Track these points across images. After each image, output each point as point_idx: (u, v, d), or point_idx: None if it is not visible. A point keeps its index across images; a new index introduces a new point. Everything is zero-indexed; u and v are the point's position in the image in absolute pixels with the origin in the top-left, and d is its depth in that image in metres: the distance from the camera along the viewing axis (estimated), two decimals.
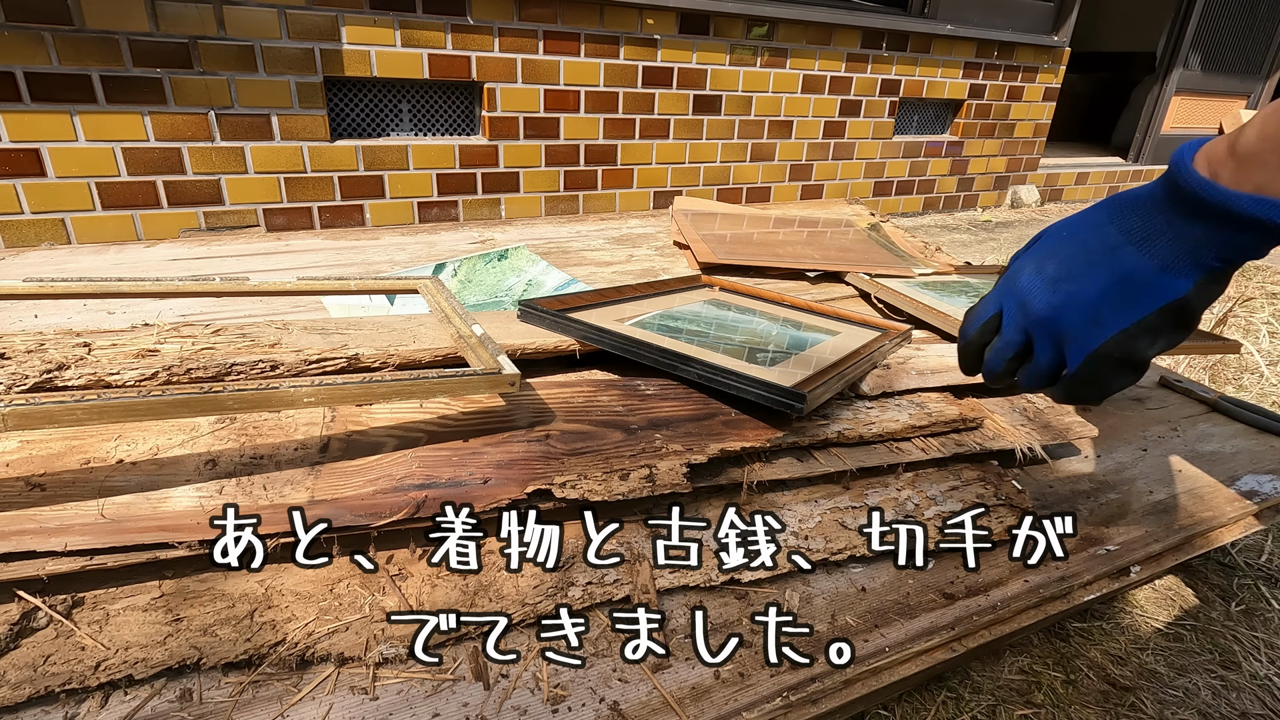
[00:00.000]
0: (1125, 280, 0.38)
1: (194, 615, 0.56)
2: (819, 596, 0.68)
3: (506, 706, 0.54)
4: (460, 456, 0.69)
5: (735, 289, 1.29)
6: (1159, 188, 0.39)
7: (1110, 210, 0.40)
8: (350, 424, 0.74)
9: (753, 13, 2.15)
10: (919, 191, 2.86)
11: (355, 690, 0.54)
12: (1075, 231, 0.41)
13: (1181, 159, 0.37)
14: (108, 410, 0.54)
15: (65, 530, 0.55)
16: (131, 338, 0.79)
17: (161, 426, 0.69)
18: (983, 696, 0.75)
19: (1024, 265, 0.44)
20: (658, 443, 0.73)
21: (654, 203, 2.28)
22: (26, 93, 1.42)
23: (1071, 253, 0.41)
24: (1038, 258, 0.43)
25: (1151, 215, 0.38)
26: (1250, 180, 0.34)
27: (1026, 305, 0.42)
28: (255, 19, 1.56)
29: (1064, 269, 0.41)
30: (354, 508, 0.61)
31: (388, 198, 1.87)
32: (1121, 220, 0.39)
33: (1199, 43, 3.57)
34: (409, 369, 0.80)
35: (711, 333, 0.99)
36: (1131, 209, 0.39)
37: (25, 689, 0.50)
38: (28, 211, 1.51)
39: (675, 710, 0.55)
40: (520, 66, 1.89)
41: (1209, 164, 0.36)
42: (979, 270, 1.67)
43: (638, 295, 1.10)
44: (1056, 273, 0.41)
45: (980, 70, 2.74)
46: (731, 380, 0.76)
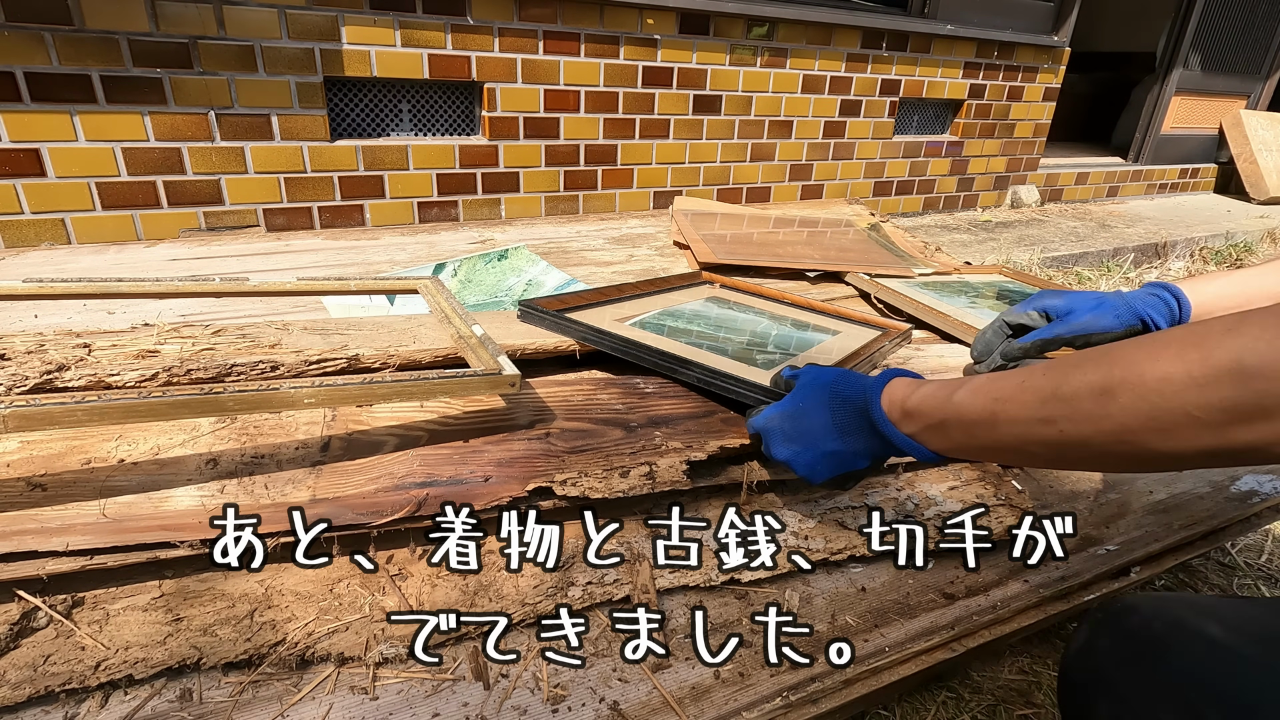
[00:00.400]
0: (832, 455, 0.60)
1: (194, 615, 0.56)
2: (819, 596, 0.69)
3: (506, 706, 0.54)
4: (461, 455, 0.69)
5: (735, 286, 1.29)
6: (861, 402, 0.58)
7: (831, 405, 0.60)
8: (351, 423, 0.74)
9: (753, 13, 2.15)
10: (919, 191, 2.86)
11: (355, 690, 0.54)
12: (809, 409, 0.62)
13: (875, 395, 0.57)
14: (109, 411, 0.54)
15: (66, 530, 0.55)
16: (132, 338, 0.79)
17: (163, 426, 0.69)
18: (983, 696, 0.75)
19: (775, 419, 0.65)
20: (657, 440, 0.73)
21: (654, 203, 2.28)
22: (26, 93, 1.42)
23: (804, 428, 0.61)
24: (784, 417, 0.64)
25: (853, 419, 0.59)
26: (908, 427, 0.54)
27: (770, 448, 0.65)
28: (255, 19, 1.56)
29: (797, 436, 0.62)
30: (355, 506, 0.61)
31: (388, 198, 1.87)
32: (838, 416, 0.59)
33: (1199, 43, 3.57)
34: (409, 369, 0.80)
35: (711, 332, 0.99)
36: (844, 408, 0.59)
37: (25, 689, 0.50)
38: (28, 211, 1.51)
39: (675, 710, 0.55)
40: (520, 66, 1.89)
41: (888, 405, 0.56)
42: (979, 270, 1.67)
43: (639, 293, 1.10)
44: (792, 434, 0.62)
45: (980, 70, 2.74)
46: (730, 384, 0.76)
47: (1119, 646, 0.43)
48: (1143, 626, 0.43)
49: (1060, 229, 2.86)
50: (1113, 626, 0.45)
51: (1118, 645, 0.43)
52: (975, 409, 0.48)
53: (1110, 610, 0.47)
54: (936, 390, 0.53)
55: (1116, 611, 0.46)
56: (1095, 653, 0.45)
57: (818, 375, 0.64)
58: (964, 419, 0.49)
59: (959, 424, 0.50)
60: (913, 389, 0.55)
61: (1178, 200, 3.76)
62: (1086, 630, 0.47)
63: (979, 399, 0.48)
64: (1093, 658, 0.45)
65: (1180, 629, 0.41)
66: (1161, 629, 0.42)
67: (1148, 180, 3.72)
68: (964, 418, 0.49)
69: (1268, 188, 3.69)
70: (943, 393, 0.52)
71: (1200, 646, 0.39)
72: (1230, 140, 3.86)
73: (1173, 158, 3.81)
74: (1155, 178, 3.75)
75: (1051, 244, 2.60)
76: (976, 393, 0.48)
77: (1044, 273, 2.37)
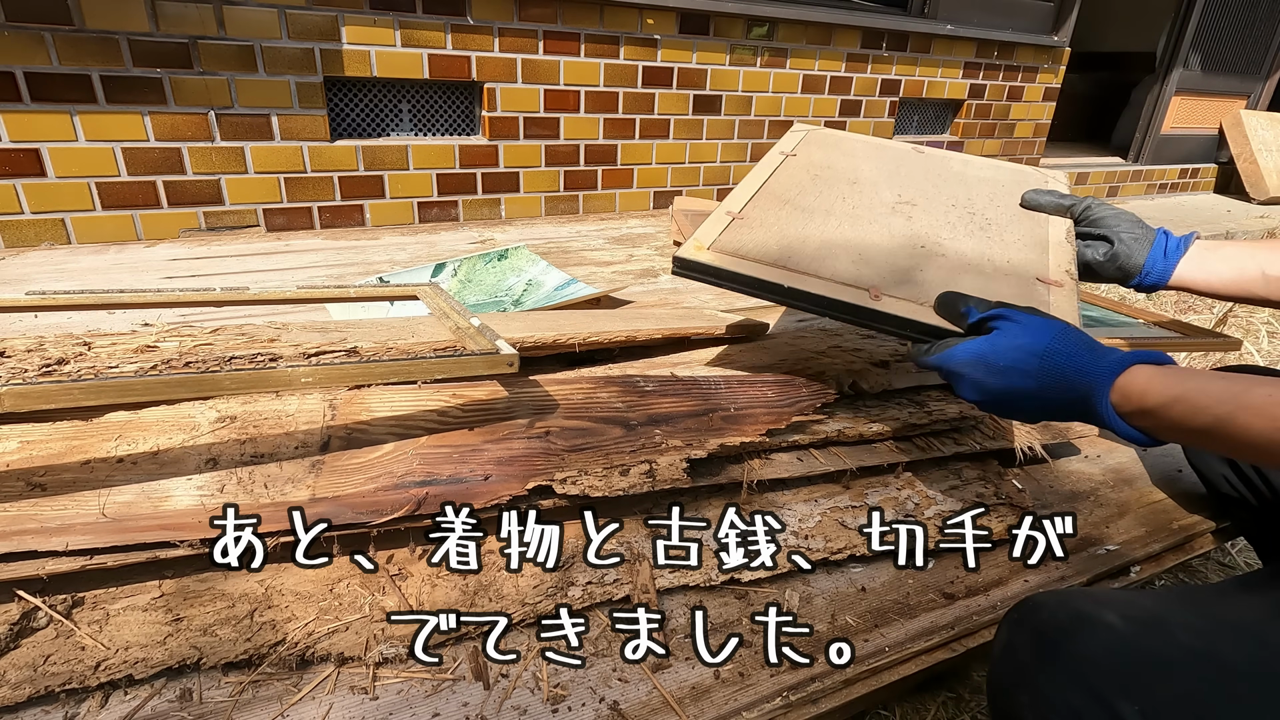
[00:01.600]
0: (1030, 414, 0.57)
1: (194, 615, 0.56)
2: (819, 596, 0.68)
3: (506, 706, 0.54)
4: (461, 453, 0.69)
5: None
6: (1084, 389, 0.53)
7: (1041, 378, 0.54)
8: (351, 421, 0.74)
9: (753, 13, 2.15)
10: None
11: (355, 690, 0.54)
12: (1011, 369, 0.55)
13: (1104, 387, 0.51)
14: (104, 389, 0.53)
15: (66, 530, 0.55)
16: (130, 337, 0.79)
17: (162, 426, 0.69)
18: (982, 696, 0.75)
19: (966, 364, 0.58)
20: (657, 438, 0.73)
21: (654, 203, 2.28)
22: (26, 93, 1.42)
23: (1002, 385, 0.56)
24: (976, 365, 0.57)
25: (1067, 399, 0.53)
26: (1142, 421, 0.50)
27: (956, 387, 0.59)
28: (255, 19, 1.56)
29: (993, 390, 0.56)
30: (355, 505, 0.61)
31: (388, 198, 1.87)
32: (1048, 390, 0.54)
33: (1199, 43, 3.57)
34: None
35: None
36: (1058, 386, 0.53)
37: (25, 689, 0.50)
38: (28, 211, 1.51)
39: (675, 710, 0.55)
40: (520, 66, 1.89)
41: (1121, 398, 0.50)
42: None
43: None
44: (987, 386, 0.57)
45: (980, 70, 2.74)
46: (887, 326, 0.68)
47: (1031, 641, 0.46)
48: (1050, 620, 0.46)
49: None
50: (1024, 624, 0.48)
51: (1030, 640, 0.46)
52: (1257, 430, 0.43)
53: (1022, 610, 0.49)
54: (1199, 396, 0.46)
55: (1027, 610, 0.49)
56: (1014, 650, 0.48)
57: (1026, 336, 0.55)
58: (1234, 435, 0.45)
59: (1220, 437, 0.45)
60: (1165, 385, 0.48)
61: (1178, 200, 3.76)
62: (1004, 631, 0.50)
63: (1262, 421, 0.43)
64: (1012, 655, 0.48)
65: (1081, 619, 0.45)
66: (1066, 620, 0.45)
67: (1148, 180, 3.72)
68: (1235, 435, 0.45)
69: (1268, 188, 3.69)
70: (1208, 400, 0.46)
71: (1100, 633, 0.43)
72: (1230, 140, 3.86)
73: (1173, 158, 3.81)
74: (1155, 178, 3.75)
75: None
76: (1259, 415, 0.43)
77: None
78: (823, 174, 0.92)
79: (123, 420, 0.70)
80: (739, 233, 0.78)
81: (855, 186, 0.90)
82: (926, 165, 0.99)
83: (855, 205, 0.85)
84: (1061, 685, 0.43)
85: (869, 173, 0.94)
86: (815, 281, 0.70)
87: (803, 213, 0.82)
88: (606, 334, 0.93)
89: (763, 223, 0.80)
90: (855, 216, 0.83)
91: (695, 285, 1.45)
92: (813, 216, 0.82)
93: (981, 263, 0.76)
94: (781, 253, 0.74)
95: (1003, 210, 0.87)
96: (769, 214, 0.81)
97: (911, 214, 0.85)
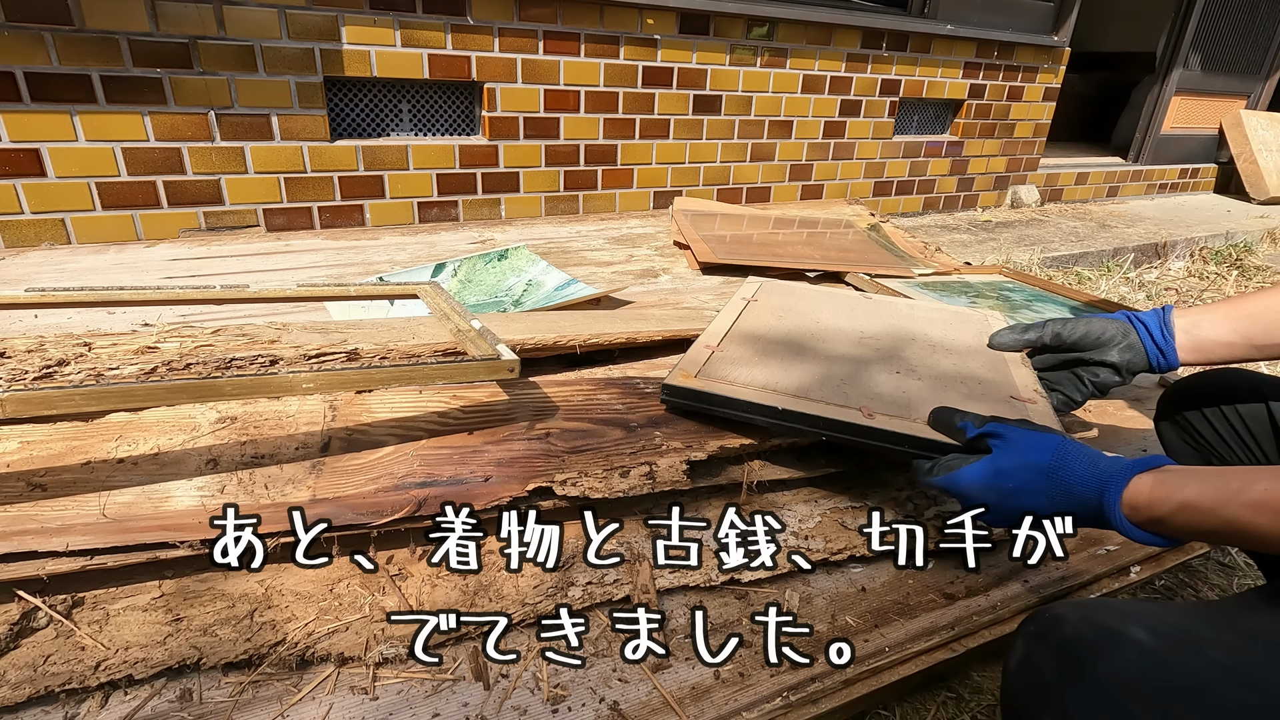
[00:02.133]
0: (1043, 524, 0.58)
1: (194, 615, 0.56)
2: (819, 596, 0.69)
3: (506, 706, 0.54)
4: (461, 455, 0.69)
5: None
6: (1094, 500, 0.54)
7: (1051, 492, 0.56)
8: (351, 422, 0.74)
9: (753, 13, 2.14)
10: (919, 191, 2.86)
11: (355, 690, 0.54)
12: (1019, 490, 0.58)
13: (1115, 496, 0.52)
14: (106, 395, 0.53)
15: (67, 530, 0.55)
16: (131, 338, 0.79)
17: (162, 426, 0.69)
18: (983, 696, 0.75)
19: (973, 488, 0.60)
20: (657, 440, 0.73)
21: (654, 203, 2.28)
22: (26, 93, 1.42)
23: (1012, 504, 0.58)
24: (985, 489, 0.59)
25: (1077, 508, 0.55)
26: (1154, 528, 0.51)
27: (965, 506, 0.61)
28: (255, 19, 1.56)
29: (1003, 509, 0.59)
30: (355, 506, 0.61)
31: (388, 198, 1.87)
32: (1059, 501, 0.56)
33: (1199, 43, 3.57)
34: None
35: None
36: (1067, 498, 0.55)
37: (25, 689, 0.50)
38: (28, 211, 1.51)
39: (675, 710, 0.55)
40: (520, 66, 1.89)
41: (1131, 510, 0.51)
42: (979, 270, 1.67)
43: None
44: (996, 504, 0.59)
45: (980, 70, 2.74)
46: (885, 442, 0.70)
47: (1054, 659, 0.45)
48: (1075, 636, 0.45)
49: (1060, 229, 2.86)
50: (1046, 639, 0.47)
51: (1053, 657, 0.45)
52: (1262, 527, 0.45)
53: (1041, 623, 0.48)
54: (1202, 500, 0.48)
55: (1046, 624, 0.47)
56: (1035, 666, 0.46)
57: (1029, 454, 0.58)
58: (1243, 534, 0.46)
59: (1230, 536, 0.47)
60: (1167, 494, 0.50)
61: (1178, 200, 3.76)
62: (1022, 645, 0.48)
63: (1265, 518, 0.44)
64: (1033, 671, 0.46)
65: (1108, 636, 0.43)
66: (1092, 636, 0.44)
67: (1148, 180, 3.72)
68: (1243, 533, 0.46)
69: (1268, 188, 3.69)
70: (1209, 503, 0.47)
71: (1129, 652, 0.42)
72: (1230, 140, 3.86)
73: (1173, 158, 3.81)
74: (1155, 178, 3.75)
75: (1051, 244, 2.60)
76: (1263, 509, 0.44)
77: (1044, 273, 2.37)
78: (786, 315, 1.00)
79: (123, 421, 0.70)
80: (722, 364, 0.82)
81: (819, 324, 0.97)
82: (879, 308, 1.08)
83: (823, 340, 0.92)
84: (1090, 707, 0.41)
85: (829, 313, 1.02)
86: (808, 403, 0.73)
87: (778, 345, 0.88)
88: (607, 335, 0.94)
89: (742, 355, 0.85)
90: (827, 348, 0.89)
91: (696, 285, 1.46)
92: (788, 349, 0.87)
93: (956, 384, 0.82)
94: (766, 379, 0.78)
95: (959, 341, 0.95)
96: (745, 348, 0.87)
97: (878, 346, 0.91)
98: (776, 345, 0.88)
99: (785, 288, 1.13)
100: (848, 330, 0.96)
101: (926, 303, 1.14)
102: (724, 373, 0.79)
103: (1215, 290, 2.44)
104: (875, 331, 0.96)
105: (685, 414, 0.79)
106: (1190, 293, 2.40)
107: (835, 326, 0.97)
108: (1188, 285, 2.51)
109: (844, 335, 0.94)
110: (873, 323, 1.00)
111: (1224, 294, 2.38)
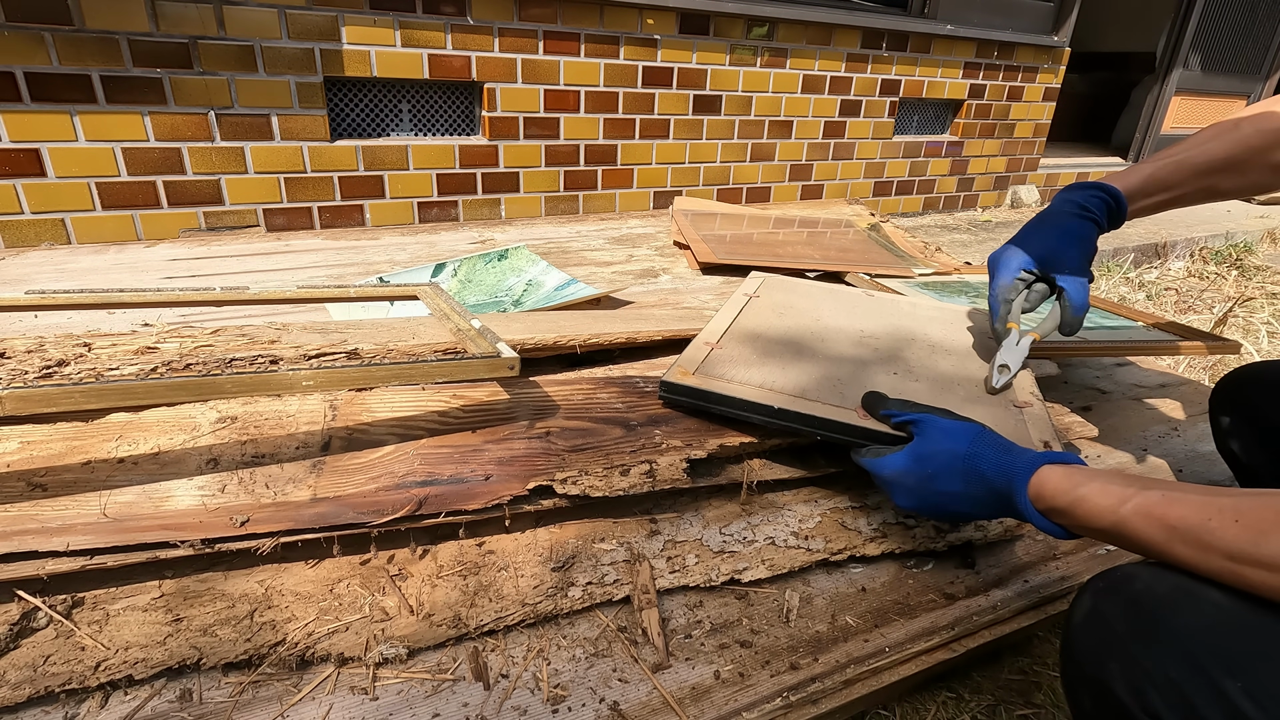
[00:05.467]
0: (960, 515, 0.62)
1: (194, 615, 0.56)
2: (819, 596, 0.68)
3: (506, 706, 0.54)
4: (462, 454, 0.69)
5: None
6: (1004, 488, 0.57)
7: (966, 479, 0.59)
8: (351, 422, 0.74)
9: (753, 13, 2.14)
10: (919, 191, 2.86)
11: (355, 690, 0.54)
12: (938, 474, 0.61)
13: (1021, 485, 0.55)
14: (106, 393, 0.53)
15: (67, 530, 0.55)
16: (131, 338, 0.79)
17: (163, 426, 0.69)
18: (983, 696, 0.75)
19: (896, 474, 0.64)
20: (658, 439, 0.73)
21: (654, 203, 2.28)
22: (26, 93, 1.42)
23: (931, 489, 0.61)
24: (907, 474, 0.63)
25: (990, 498, 0.58)
26: (1058, 519, 0.53)
27: (890, 495, 0.65)
28: (255, 19, 1.56)
29: (923, 494, 0.62)
30: (356, 505, 0.61)
31: (388, 198, 1.87)
32: (973, 489, 0.59)
33: (1199, 43, 3.57)
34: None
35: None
36: (980, 486, 0.59)
37: (25, 689, 0.50)
38: (28, 211, 1.51)
39: (675, 710, 0.55)
40: (520, 66, 1.89)
41: (1035, 497, 0.54)
42: (979, 270, 1.67)
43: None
44: (917, 490, 0.62)
45: (980, 70, 2.74)
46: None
47: (1126, 611, 0.46)
48: (1147, 591, 0.46)
49: None
50: (1117, 593, 0.47)
51: (1125, 610, 0.46)
52: (1147, 536, 0.46)
53: (1110, 579, 0.49)
54: (1099, 498, 0.50)
55: (1117, 579, 0.48)
56: (1103, 619, 0.47)
57: (948, 441, 0.61)
58: (1130, 539, 0.48)
59: (1120, 539, 0.49)
60: (1069, 487, 0.52)
61: None
62: (1090, 599, 0.49)
63: (1152, 528, 0.46)
64: (1100, 624, 0.47)
65: (1184, 591, 0.44)
66: (1166, 592, 0.45)
67: None
68: (1130, 538, 0.48)
69: None
70: (1106, 502, 0.49)
71: (1205, 607, 0.43)
72: None
73: None
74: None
75: None
76: (1150, 518, 0.46)
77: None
78: (787, 312, 0.99)
79: (123, 421, 0.70)
80: (720, 361, 0.82)
81: (820, 322, 0.97)
82: (880, 306, 1.07)
83: (823, 339, 0.92)
84: (1160, 656, 0.42)
85: (829, 311, 1.02)
86: (804, 402, 0.73)
87: (777, 343, 0.88)
88: (607, 335, 0.94)
89: (740, 353, 0.85)
90: (827, 348, 0.89)
91: (696, 285, 1.46)
92: (787, 347, 0.87)
93: (955, 386, 0.82)
94: (764, 378, 0.78)
95: (958, 342, 0.95)
96: (744, 346, 0.87)
97: (878, 346, 0.91)
98: (776, 344, 0.88)
99: (787, 284, 1.12)
100: (848, 329, 0.95)
101: (928, 302, 1.13)
102: (722, 370, 0.79)
103: (1215, 290, 2.44)
104: (876, 331, 0.96)
105: (685, 412, 0.79)
106: (1190, 292, 2.40)
107: (836, 325, 0.96)
108: (1188, 285, 2.51)
109: (844, 335, 0.93)
110: (873, 322, 0.99)
111: (1224, 294, 2.37)
